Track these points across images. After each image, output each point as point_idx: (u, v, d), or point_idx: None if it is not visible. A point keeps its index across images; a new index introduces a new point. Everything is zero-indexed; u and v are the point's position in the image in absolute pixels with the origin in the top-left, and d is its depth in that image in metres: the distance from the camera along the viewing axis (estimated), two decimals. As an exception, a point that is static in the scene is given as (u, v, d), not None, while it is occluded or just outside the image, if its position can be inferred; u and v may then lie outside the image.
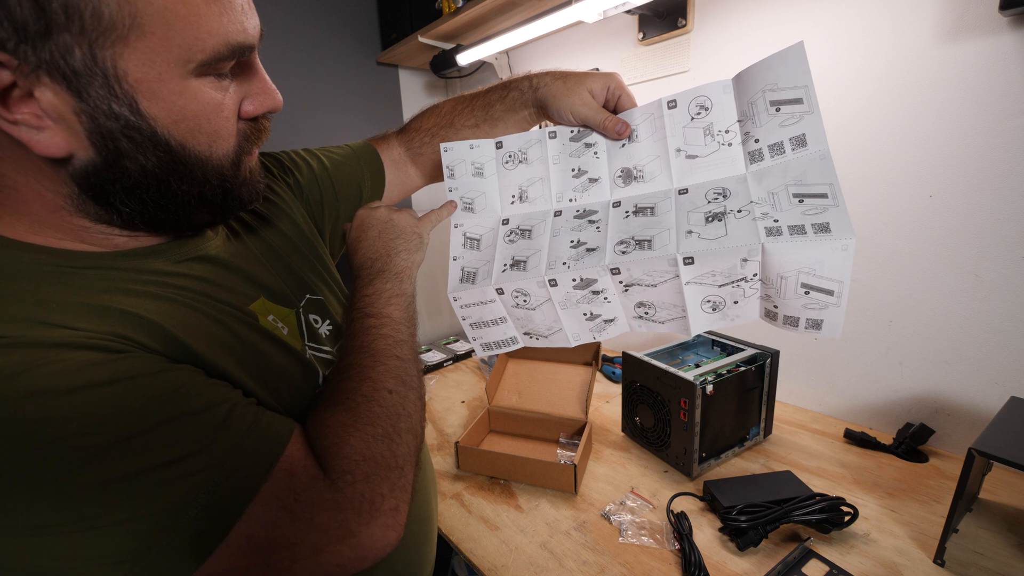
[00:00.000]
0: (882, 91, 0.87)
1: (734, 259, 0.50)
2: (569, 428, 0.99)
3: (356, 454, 0.41)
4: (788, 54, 0.48)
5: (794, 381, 1.08)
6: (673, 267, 0.53)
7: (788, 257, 0.48)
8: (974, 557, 0.65)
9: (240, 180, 0.43)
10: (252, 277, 0.51)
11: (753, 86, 0.51)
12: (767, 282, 0.51)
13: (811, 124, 0.49)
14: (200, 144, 0.39)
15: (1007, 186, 0.78)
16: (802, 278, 0.49)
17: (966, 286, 0.84)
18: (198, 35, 0.35)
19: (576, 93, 0.60)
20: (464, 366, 1.44)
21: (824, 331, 0.50)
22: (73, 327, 0.34)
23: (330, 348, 0.56)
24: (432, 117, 0.73)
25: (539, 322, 0.61)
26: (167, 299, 0.40)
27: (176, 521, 0.32)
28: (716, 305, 0.54)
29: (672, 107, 0.57)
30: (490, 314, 0.62)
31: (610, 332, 0.60)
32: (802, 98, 0.48)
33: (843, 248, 0.47)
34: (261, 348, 0.46)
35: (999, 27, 0.75)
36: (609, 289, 0.57)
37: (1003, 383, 0.82)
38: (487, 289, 0.60)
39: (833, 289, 0.48)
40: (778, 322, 0.52)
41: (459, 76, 1.75)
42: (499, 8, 1.24)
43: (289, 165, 0.66)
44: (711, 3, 1.07)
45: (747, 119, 0.53)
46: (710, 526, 0.74)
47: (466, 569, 0.78)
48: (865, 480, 0.83)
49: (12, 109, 0.33)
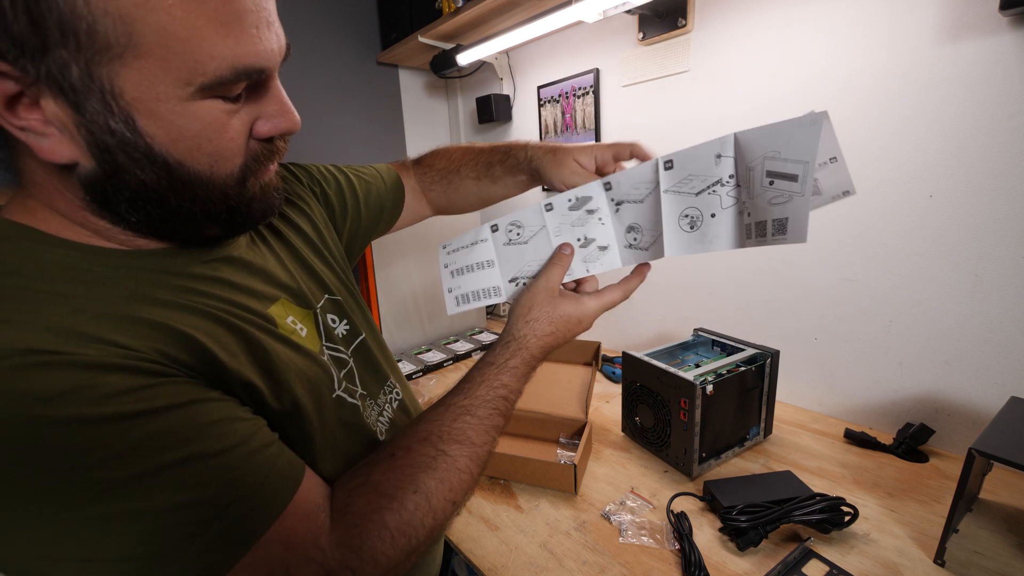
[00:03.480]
0: (882, 91, 0.87)
1: (709, 157, 0.48)
2: (569, 428, 0.99)
3: (375, 551, 0.40)
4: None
5: (794, 381, 1.08)
6: (655, 173, 0.51)
7: (758, 143, 0.45)
8: (974, 557, 0.65)
9: (247, 198, 0.43)
10: (274, 278, 0.52)
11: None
12: (741, 182, 0.47)
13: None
14: (200, 164, 0.38)
15: (1007, 186, 0.78)
16: (767, 164, 0.44)
17: (966, 286, 0.84)
18: (199, 58, 0.34)
19: (565, 165, 0.62)
20: (464, 366, 1.44)
21: (790, 233, 0.43)
22: (108, 340, 0.34)
23: (344, 348, 0.57)
24: (443, 159, 0.77)
25: (531, 257, 0.58)
26: (193, 308, 0.40)
27: (167, 566, 0.33)
28: (694, 221, 0.51)
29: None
30: (476, 256, 0.60)
31: (603, 263, 0.57)
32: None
33: (811, 122, 0.42)
34: (282, 355, 0.46)
35: (999, 27, 0.75)
36: (603, 209, 0.55)
37: (1003, 383, 0.82)
38: (481, 228, 0.59)
39: (797, 173, 0.43)
40: (751, 238, 0.47)
41: (459, 76, 1.76)
42: (499, 8, 1.25)
43: (318, 177, 0.69)
44: (711, 3, 1.07)
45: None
46: (710, 526, 0.74)
47: (466, 569, 0.78)
48: (865, 480, 0.83)
49: (20, 115, 0.34)
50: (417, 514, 0.42)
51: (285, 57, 0.42)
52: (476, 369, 0.54)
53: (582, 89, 1.39)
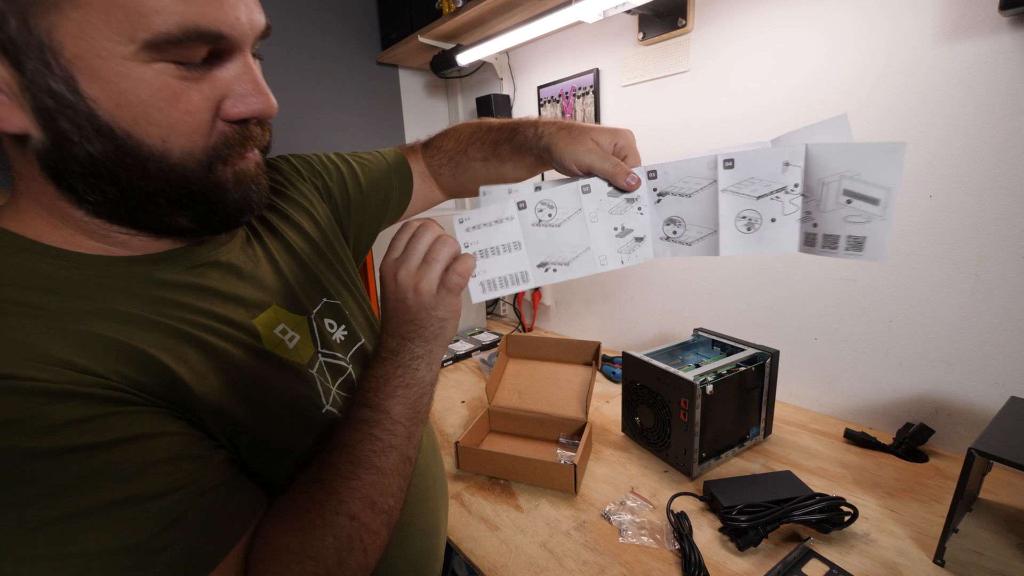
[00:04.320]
0: (882, 91, 0.87)
1: (776, 163, 0.47)
2: (569, 428, 0.99)
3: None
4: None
5: (794, 381, 1.08)
6: (712, 171, 0.49)
7: (832, 159, 0.45)
8: (974, 557, 0.65)
9: (214, 185, 0.39)
10: (265, 284, 0.50)
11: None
12: (808, 193, 0.47)
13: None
14: (151, 137, 0.35)
15: (1007, 186, 0.78)
16: (845, 183, 0.44)
17: (966, 286, 0.84)
18: (142, 10, 0.31)
19: (580, 142, 0.55)
20: (464, 366, 1.44)
21: (867, 252, 0.45)
22: (69, 362, 0.33)
23: (343, 355, 0.55)
24: (452, 140, 0.73)
25: (563, 242, 0.53)
26: (166, 326, 0.39)
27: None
28: (751, 223, 0.50)
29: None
30: (502, 237, 0.53)
31: (638, 255, 0.54)
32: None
33: (892, 151, 0.42)
34: (259, 374, 0.44)
35: (999, 27, 0.75)
36: (644, 197, 0.53)
37: (1003, 383, 0.82)
38: (506, 203, 0.52)
39: (879, 198, 0.43)
40: (816, 246, 0.47)
41: (459, 76, 1.75)
42: (499, 8, 1.25)
43: (319, 168, 0.66)
44: (711, 3, 1.07)
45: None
46: (710, 526, 0.74)
47: (466, 569, 0.78)
48: (865, 480, 0.83)
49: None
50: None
51: (263, 36, 0.39)
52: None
53: (582, 89, 1.39)
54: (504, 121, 0.68)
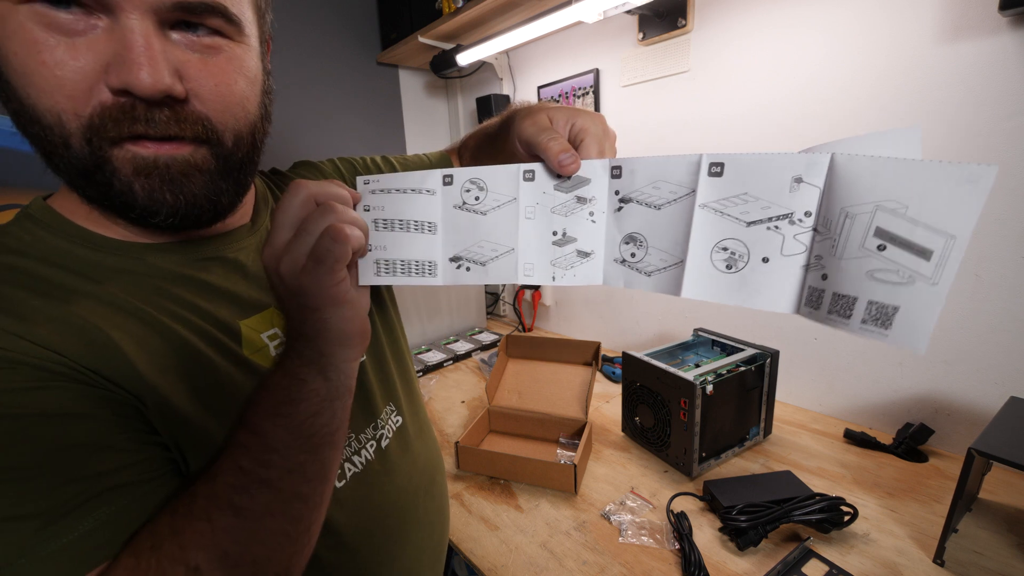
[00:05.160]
0: (882, 91, 0.87)
1: (782, 176, 0.32)
2: (569, 428, 0.99)
3: None
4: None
5: (794, 381, 1.08)
6: (692, 177, 0.35)
7: (869, 180, 0.29)
8: (974, 557, 0.66)
9: (99, 164, 0.35)
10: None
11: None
12: (823, 227, 0.32)
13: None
14: (20, 86, 0.33)
15: (1007, 186, 0.78)
16: (880, 219, 0.29)
17: (966, 286, 0.84)
18: None
19: (532, 116, 0.45)
20: (464, 366, 1.44)
21: (895, 331, 0.29)
22: (32, 333, 0.34)
23: None
24: (474, 137, 0.71)
25: (485, 234, 0.41)
26: (145, 316, 0.39)
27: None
28: (733, 259, 0.35)
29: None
30: (415, 212, 0.41)
31: (577, 275, 0.41)
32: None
33: (970, 178, 0.26)
34: (223, 378, 0.42)
35: (999, 27, 0.75)
36: (599, 200, 0.40)
37: (1003, 383, 0.83)
38: (430, 173, 0.41)
39: (933, 249, 0.28)
40: (821, 309, 0.32)
41: (459, 76, 1.75)
42: (499, 8, 1.25)
43: (361, 170, 0.66)
44: (711, 3, 1.07)
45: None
46: (710, 526, 0.74)
47: (466, 569, 0.78)
48: (865, 480, 0.83)
49: None
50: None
51: (178, 8, 0.34)
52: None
53: (582, 89, 1.39)
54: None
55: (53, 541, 0.32)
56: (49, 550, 0.32)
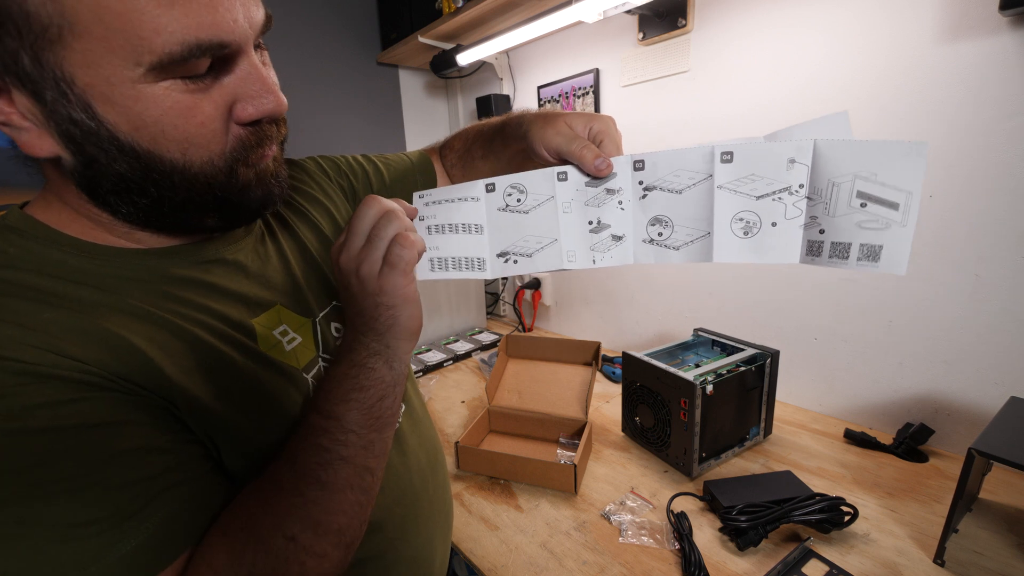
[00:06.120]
0: (882, 91, 0.87)
1: (780, 159, 0.42)
2: (569, 428, 0.99)
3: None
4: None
5: (794, 381, 1.08)
6: (708, 164, 0.44)
7: (845, 158, 0.41)
8: (974, 557, 0.66)
9: (238, 187, 0.40)
10: (273, 283, 0.50)
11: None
12: (815, 195, 0.42)
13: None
14: (172, 152, 0.36)
15: (1007, 186, 0.78)
16: (859, 185, 0.40)
17: (966, 286, 0.84)
18: (141, 34, 0.31)
19: (552, 125, 0.51)
20: (464, 366, 1.44)
21: (883, 262, 0.40)
22: (55, 347, 0.33)
23: None
24: (460, 139, 0.72)
25: (529, 231, 0.49)
26: (162, 321, 0.40)
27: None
28: (749, 227, 0.44)
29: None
30: (463, 216, 0.48)
31: (614, 256, 0.49)
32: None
33: (913, 151, 0.39)
34: (247, 375, 0.44)
35: (999, 27, 0.75)
36: (626, 191, 0.47)
37: (1003, 383, 0.82)
38: (474, 184, 0.48)
39: (898, 202, 0.39)
40: (823, 256, 0.43)
41: (459, 76, 1.75)
42: (499, 8, 1.25)
43: (346, 170, 0.66)
44: (711, 3, 1.07)
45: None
46: (710, 526, 0.74)
47: (466, 569, 0.78)
48: (865, 480, 0.83)
49: (2, 109, 0.34)
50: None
51: (264, 30, 0.38)
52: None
53: (582, 89, 1.39)
54: (501, 116, 0.67)
55: (120, 546, 0.33)
56: (118, 554, 0.33)
